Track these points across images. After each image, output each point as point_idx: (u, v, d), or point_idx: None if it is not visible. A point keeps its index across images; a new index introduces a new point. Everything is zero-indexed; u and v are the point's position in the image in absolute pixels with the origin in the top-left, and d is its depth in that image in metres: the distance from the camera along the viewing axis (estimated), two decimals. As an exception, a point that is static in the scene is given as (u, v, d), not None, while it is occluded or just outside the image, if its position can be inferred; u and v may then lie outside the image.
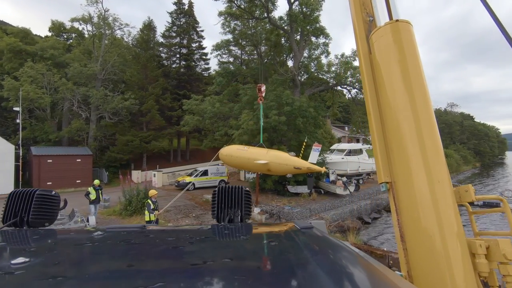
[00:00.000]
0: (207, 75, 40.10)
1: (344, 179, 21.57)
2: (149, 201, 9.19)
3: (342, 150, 24.35)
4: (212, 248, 0.98)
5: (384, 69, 2.33)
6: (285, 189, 19.27)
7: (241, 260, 0.84)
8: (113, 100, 26.93)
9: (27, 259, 0.71)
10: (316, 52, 24.08)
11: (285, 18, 21.85)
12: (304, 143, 14.47)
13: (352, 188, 20.89)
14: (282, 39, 23.36)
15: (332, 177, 21.12)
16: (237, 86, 24.40)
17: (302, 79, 24.49)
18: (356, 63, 22.45)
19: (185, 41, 37.74)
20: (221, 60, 26.95)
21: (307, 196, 18.43)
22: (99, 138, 28.13)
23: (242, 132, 18.32)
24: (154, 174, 25.75)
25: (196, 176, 23.13)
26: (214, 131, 24.81)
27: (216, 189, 1.53)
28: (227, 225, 1.35)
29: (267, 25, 22.45)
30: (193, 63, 38.44)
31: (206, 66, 40.28)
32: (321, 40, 23.54)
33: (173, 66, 38.11)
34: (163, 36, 37.05)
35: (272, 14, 21.39)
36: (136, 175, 26.44)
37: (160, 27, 56.82)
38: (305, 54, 23.61)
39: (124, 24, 31.74)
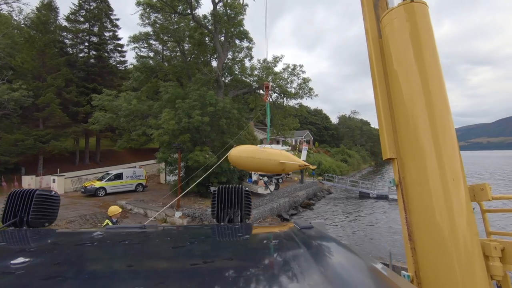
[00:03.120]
0: (123, 68, 36.45)
1: (265, 179, 22.59)
2: (108, 222, 6.68)
3: (263, 151, 25.41)
4: (212, 248, 0.98)
5: (397, 54, 2.14)
6: (208, 191, 18.98)
7: (242, 260, 0.84)
8: (-4, 89, 21.84)
9: (26, 259, 0.71)
10: (240, 55, 24.50)
11: (210, 17, 21.56)
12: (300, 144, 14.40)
13: (272, 187, 22.03)
14: (206, 39, 22.97)
15: (254, 177, 21.87)
16: (158, 83, 22.87)
17: (226, 81, 24.59)
18: (276, 69, 23.81)
19: (95, 28, 33.45)
20: (139, 53, 24.78)
21: (230, 197, 18.54)
22: (-27, 137, 22.42)
23: (163, 132, 17.26)
24: (54, 180, 22.01)
25: (108, 180, 20.72)
26: (131, 131, 22.66)
27: (216, 189, 1.54)
28: (227, 225, 1.36)
29: (191, 22, 21.74)
30: (106, 54, 34.37)
31: (122, 59, 36.60)
32: (245, 43, 24.09)
33: (81, 55, 33.31)
34: (68, 19, 32.04)
35: (196, 11, 20.78)
36: (28, 181, 22.10)
37: (64, 8, 48.98)
38: (229, 56, 23.76)
39: (13, -2, 26.19)
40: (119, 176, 21.30)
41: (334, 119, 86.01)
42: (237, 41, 23.72)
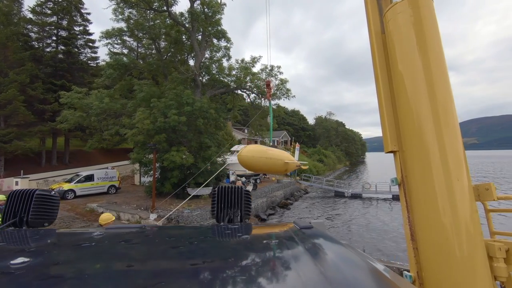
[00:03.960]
0: (94, 65, 34.84)
1: (243, 179, 22.56)
2: None
3: (241, 152, 25.37)
4: (212, 248, 0.98)
5: (401, 50, 2.09)
6: (185, 192, 18.61)
7: (242, 260, 0.83)
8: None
9: (26, 259, 0.71)
10: (217, 54, 24.28)
11: (187, 15, 21.16)
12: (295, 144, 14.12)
13: (250, 188, 22.04)
14: (183, 37, 22.52)
15: (232, 178, 21.77)
16: (132, 80, 22.06)
17: (204, 80, 24.28)
18: (255, 69, 23.84)
19: (64, 22, 31.69)
20: (112, 50, 23.78)
21: (208, 198, 18.32)
22: None
23: (137, 132, 16.69)
24: (17, 182, 20.60)
25: (77, 182, 19.70)
26: (103, 130, 21.69)
27: (216, 189, 1.54)
28: (227, 225, 1.36)
29: (167, 19, 21.22)
30: (76, 50, 32.68)
31: (93, 55, 35.01)
32: (223, 43, 23.91)
33: (48, 50, 31.38)
34: (33, 11, 30.05)
35: (172, 8, 20.30)
36: (-13, 184, 20.52)
37: None
38: (206, 55, 23.47)
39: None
40: (90, 178, 20.31)
41: (311, 120, 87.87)
42: (215, 41, 23.49)
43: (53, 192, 1.43)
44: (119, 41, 23.53)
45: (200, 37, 22.29)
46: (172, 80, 20.40)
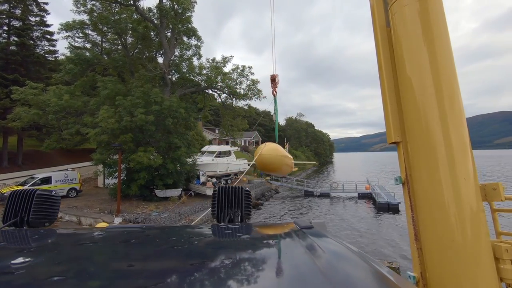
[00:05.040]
0: (52, 59, 32.28)
1: (214, 180, 22.29)
2: None
3: (212, 152, 25.08)
4: (212, 248, 0.98)
5: (407, 44, 2.04)
6: (152, 194, 17.95)
7: (242, 260, 0.82)
8: None
9: (27, 259, 0.71)
10: (188, 52, 23.75)
11: (155, 11, 20.43)
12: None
13: (221, 188, 21.80)
14: (152, 33, 21.72)
15: (202, 179, 21.39)
16: (95, 77, 20.82)
17: (173, 79, 23.62)
18: (226, 69, 23.66)
19: (18, 11, 29.10)
20: (73, 44, 22.18)
21: (177, 200, 17.84)
22: None
23: (100, 131, 15.79)
24: (-41, 186, 18.50)
25: (32, 185, 18.13)
26: (62, 129, 20.19)
27: (216, 189, 1.54)
28: (228, 225, 1.36)
29: (134, 14, 20.33)
30: (32, 42, 30.13)
31: (51, 48, 32.44)
32: (193, 41, 23.44)
33: (-2, 40, 28.62)
34: (-20, -2, 27.26)
35: (140, 3, 19.47)
36: None
37: (-24, -16, 41.86)
38: (176, 53, 22.86)
39: None
40: (46, 181, 18.81)
41: (281, 121, 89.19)
42: (185, 38, 22.97)
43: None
44: (81, 35, 22.07)
45: (169, 34, 21.65)
46: (139, 77, 19.58)
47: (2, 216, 1.26)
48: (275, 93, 9.18)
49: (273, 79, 9.41)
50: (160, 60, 23.67)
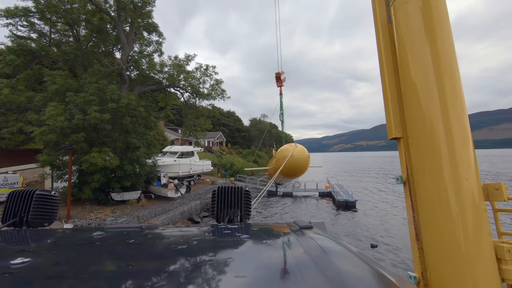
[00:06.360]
0: (-10, 49, 28.87)
1: (176, 181, 21.58)
2: None
3: (174, 153, 24.29)
4: (212, 248, 0.98)
5: (409, 41, 2.02)
6: (108, 197, 16.82)
7: (242, 260, 0.83)
8: None
9: (26, 259, 0.72)
10: (148, 49, 22.68)
11: (112, 2, 19.19)
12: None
13: (183, 190, 21.21)
14: (108, 26, 20.35)
15: (163, 180, 20.58)
16: (42, 70, 18.93)
17: (132, 75, 22.41)
18: (189, 68, 23.04)
19: None
20: (16, 33, 19.89)
21: (136, 203, 16.95)
22: None
23: (48, 130, 14.39)
24: None
25: (-37, 190, 15.97)
26: (1, 127, 18.08)
27: (216, 189, 1.55)
28: (227, 225, 1.38)
29: (88, 4, 18.89)
30: (-37, 28, 26.60)
31: (-12, 36, 28.97)
32: (154, 37, 22.44)
33: None
34: None
35: (95, -7, 18.17)
36: None
37: None
38: (135, 49, 21.70)
39: None
40: (-19, 185, 16.69)
41: (246, 122, 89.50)
42: (145, 34, 21.92)
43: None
44: (26, 23, 19.92)
45: (128, 28, 20.50)
46: (93, 72, 18.20)
47: (1, 216, 1.26)
48: (281, 92, 8.61)
49: (278, 77, 8.71)
50: (118, 55, 22.28)
